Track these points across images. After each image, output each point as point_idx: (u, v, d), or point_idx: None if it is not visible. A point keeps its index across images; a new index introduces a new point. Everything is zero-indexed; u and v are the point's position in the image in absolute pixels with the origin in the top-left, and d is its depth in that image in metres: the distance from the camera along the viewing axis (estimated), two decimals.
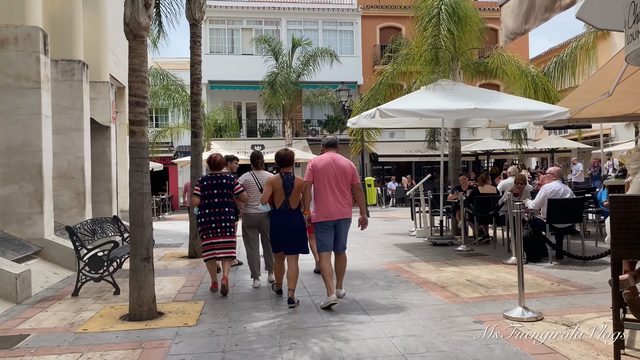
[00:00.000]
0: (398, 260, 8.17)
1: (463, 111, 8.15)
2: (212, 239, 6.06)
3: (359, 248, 9.69)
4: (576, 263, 7.14)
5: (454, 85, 9.30)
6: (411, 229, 12.48)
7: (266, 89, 23.25)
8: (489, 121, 11.15)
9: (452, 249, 9.15)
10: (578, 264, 7.10)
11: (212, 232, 6.02)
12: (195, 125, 9.24)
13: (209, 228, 6.01)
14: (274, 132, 27.62)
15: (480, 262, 7.67)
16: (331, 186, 5.37)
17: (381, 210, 20.50)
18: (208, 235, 6.05)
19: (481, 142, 24.18)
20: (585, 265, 7.09)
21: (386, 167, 28.81)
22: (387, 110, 8.11)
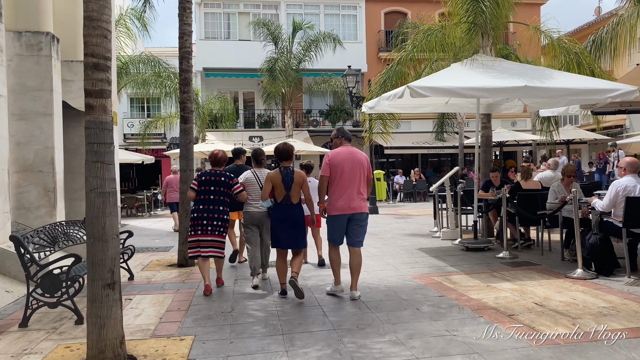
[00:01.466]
0: (432, 271, 6.72)
1: (511, 90, 6.69)
2: (200, 236, 5.84)
3: (379, 254, 8.24)
4: None
5: (494, 61, 7.83)
6: (432, 229, 11.05)
7: (265, 76, 21.69)
8: (524, 105, 9.69)
9: (491, 255, 7.72)
10: None
11: (202, 229, 5.81)
12: (184, 108, 7.74)
13: (199, 224, 5.81)
14: (273, 122, 26.09)
15: (536, 274, 6.23)
16: (348, 180, 5.26)
17: (389, 206, 19.06)
18: (197, 231, 5.85)
19: (494, 133, 22.69)
20: None
21: (390, 160, 27.32)
22: (419, 88, 6.64)
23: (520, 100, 9.46)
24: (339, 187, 5.29)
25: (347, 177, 5.28)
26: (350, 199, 5.29)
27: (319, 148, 21.37)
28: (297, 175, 5.44)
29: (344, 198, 5.28)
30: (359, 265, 5.45)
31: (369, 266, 7.25)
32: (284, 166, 5.49)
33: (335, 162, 5.30)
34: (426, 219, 13.55)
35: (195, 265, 7.69)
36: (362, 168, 5.37)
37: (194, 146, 8.67)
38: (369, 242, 9.48)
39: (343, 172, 5.27)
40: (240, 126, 25.66)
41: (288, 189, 5.40)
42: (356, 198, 5.32)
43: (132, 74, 20.64)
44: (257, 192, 6.09)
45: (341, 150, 5.40)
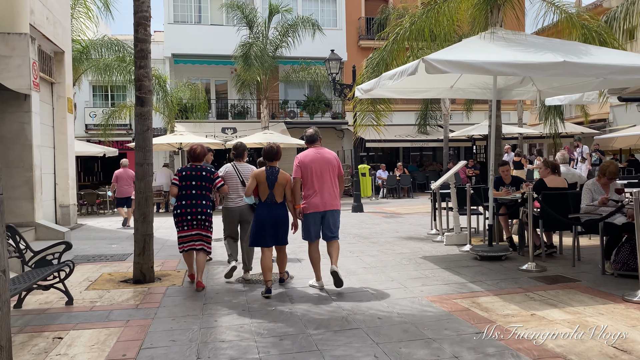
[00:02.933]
0: (450, 290, 5.42)
1: (548, 66, 5.41)
2: (187, 231, 5.86)
3: (378, 265, 6.91)
4: None
5: (516, 35, 6.55)
6: (430, 232, 9.79)
7: (239, 62, 20.07)
8: (538, 91, 8.46)
9: (512, 267, 6.48)
10: None
11: (188, 224, 5.84)
12: (141, 87, 6.24)
13: (184, 220, 5.84)
14: (248, 113, 24.48)
15: (584, 296, 4.98)
16: (319, 179, 5.53)
17: (373, 203, 17.79)
18: (183, 227, 5.87)
19: (480, 126, 21.66)
20: None
21: (370, 154, 26.05)
22: (436, 61, 5.30)
23: (534, 85, 8.23)
24: (311, 186, 5.57)
25: (317, 176, 5.56)
26: (322, 197, 5.55)
27: (297, 140, 19.92)
28: (281, 176, 5.55)
29: (316, 196, 5.55)
30: (337, 249, 5.74)
31: (369, 282, 5.91)
32: (270, 166, 5.59)
33: (304, 163, 5.58)
34: (418, 219, 12.32)
35: (155, 282, 6.28)
36: (332, 167, 5.62)
37: (157, 136, 7.14)
38: (362, 249, 8.16)
39: (313, 173, 5.55)
40: (213, 117, 24.00)
41: (271, 187, 5.49)
42: (328, 196, 5.58)
43: (93, 59, 18.81)
44: (236, 186, 6.18)
45: (309, 152, 5.67)
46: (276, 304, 5.09)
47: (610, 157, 26.40)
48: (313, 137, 5.74)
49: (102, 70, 18.94)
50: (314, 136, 5.75)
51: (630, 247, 5.59)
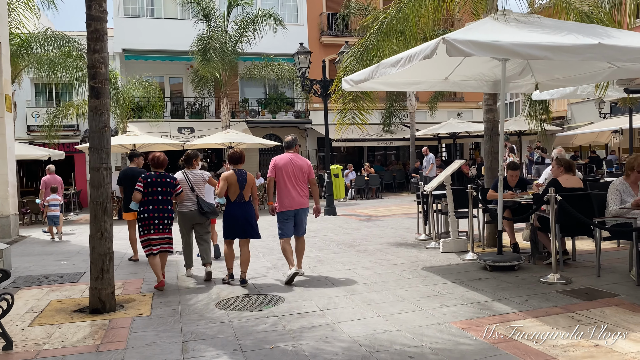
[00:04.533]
0: (476, 312, 4.61)
1: (582, 49, 4.70)
2: (152, 234, 6.12)
3: (377, 279, 6.04)
4: None
5: (529, 17, 5.82)
6: (420, 237, 9.03)
7: (196, 58, 18.79)
8: (536, 84, 7.83)
9: (530, 277, 5.76)
10: None
11: (155, 228, 6.11)
12: (96, 75, 5.11)
13: (151, 224, 6.10)
14: (206, 112, 23.14)
15: (637, 315, 4.27)
16: (291, 181, 6.23)
17: (344, 205, 16.93)
18: (149, 230, 6.11)
19: (447, 124, 21.25)
20: None
21: (334, 154, 25.27)
22: (459, 42, 4.48)
23: (533, 77, 7.59)
24: (284, 187, 6.23)
25: (289, 179, 6.22)
26: (294, 197, 6.22)
27: (260, 140, 18.89)
28: (249, 177, 6.20)
29: (289, 197, 6.22)
30: (303, 248, 6.49)
31: (375, 303, 5.03)
32: (237, 168, 6.16)
33: (278, 166, 6.26)
34: (397, 222, 11.56)
35: (117, 311, 5.19)
36: (303, 171, 6.30)
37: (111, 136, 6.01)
38: (352, 259, 7.29)
39: (286, 175, 6.22)
40: (168, 116, 22.55)
41: (242, 188, 6.09)
42: (299, 196, 6.25)
43: (35, 54, 17.10)
44: (187, 192, 6.53)
45: (284, 156, 6.34)
46: (275, 339, 4.13)
47: (571, 154, 26.71)
48: (289, 143, 6.41)
49: (46, 67, 17.31)
50: (291, 143, 6.42)
51: None
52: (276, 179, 6.25)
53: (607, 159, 21.43)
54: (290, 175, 6.21)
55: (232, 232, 6.10)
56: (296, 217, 6.29)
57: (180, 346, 4.08)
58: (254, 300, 5.39)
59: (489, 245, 7.80)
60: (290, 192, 6.20)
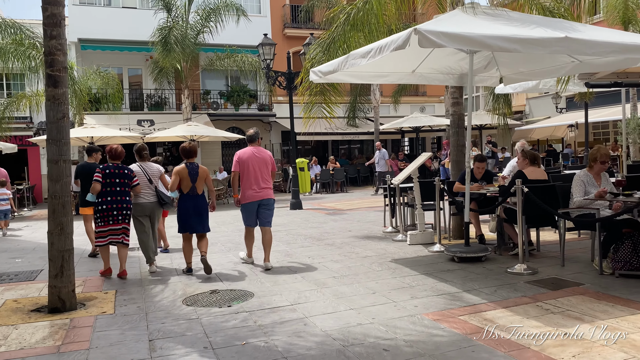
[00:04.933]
0: (447, 303, 4.63)
1: (550, 42, 4.75)
2: (112, 225, 6.19)
3: (347, 272, 6.00)
4: None
5: (496, 10, 5.86)
6: (387, 229, 9.05)
7: (157, 48, 18.27)
8: (501, 77, 7.94)
9: (497, 269, 5.84)
10: None
11: (114, 218, 6.18)
12: (53, 63, 4.84)
13: (110, 215, 6.16)
14: (166, 104, 22.59)
15: (604, 304, 4.37)
16: (255, 174, 6.42)
17: (309, 199, 16.87)
18: (108, 222, 6.17)
19: (411, 118, 21.43)
20: None
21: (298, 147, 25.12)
22: (430, 33, 4.46)
23: (498, 70, 7.69)
24: (248, 180, 6.43)
25: (253, 171, 6.41)
26: (258, 188, 6.42)
27: (223, 133, 18.58)
28: (201, 170, 6.29)
29: (253, 188, 6.41)
30: (270, 240, 6.55)
31: (347, 296, 4.99)
32: (189, 162, 6.27)
33: (242, 159, 6.45)
34: (364, 215, 11.58)
35: (79, 309, 4.98)
36: (266, 164, 6.51)
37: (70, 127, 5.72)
38: (321, 253, 7.23)
39: (250, 168, 6.41)
40: (126, 108, 21.90)
41: (194, 182, 6.20)
42: (262, 188, 6.46)
43: None
44: (145, 184, 6.59)
45: (248, 149, 6.52)
46: (246, 335, 4.03)
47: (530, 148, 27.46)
48: (252, 137, 6.60)
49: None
50: (254, 136, 6.62)
51: (632, 243, 5.10)
52: (240, 172, 6.43)
53: (564, 153, 22.12)
54: (255, 167, 6.39)
55: (186, 225, 6.22)
56: (260, 209, 6.47)
57: (147, 345, 3.93)
58: (223, 296, 5.26)
59: (455, 237, 7.89)
60: (254, 184, 6.39)
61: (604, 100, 21.06)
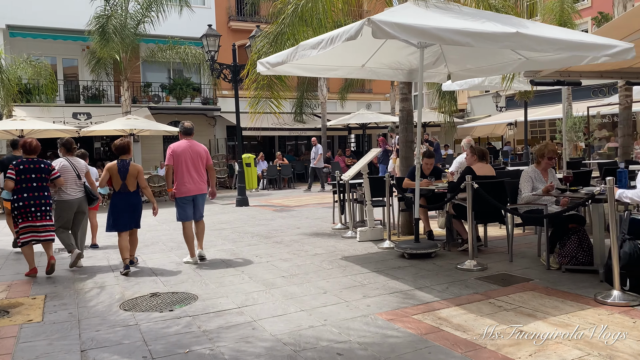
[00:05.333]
0: (400, 302, 4.51)
1: (501, 37, 4.71)
2: (32, 222, 5.97)
3: (297, 271, 5.80)
4: None
5: (448, 4, 5.80)
6: (336, 226, 8.91)
7: (94, 37, 17.34)
8: (449, 74, 7.95)
9: (447, 265, 5.80)
10: None
11: (32, 215, 5.96)
12: None
13: (29, 212, 5.94)
14: (104, 97, 21.55)
15: (553, 299, 4.37)
16: (189, 168, 6.41)
17: (256, 195, 16.52)
18: (27, 218, 5.95)
19: (357, 115, 21.48)
20: None
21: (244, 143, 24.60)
22: (384, 24, 4.31)
23: (446, 67, 7.70)
24: (183, 174, 6.38)
25: (188, 165, 6.38)
26: (193, 183, 6.42)
27: (164, 127, 17.87)
28: (132, 167, 6.16)
29: (188, 182, 6.39)
30: (203, 230, 6.73)
31: (297, 296, 4.78)
32: (121, 159, 6.14)
33: (177, 153, 6.39)
34: (312, 212, 11.41)
35: (2, 317, 4.52)
36: (201, 158, 6.50)
37: None
38: (269, 251, 6.99)
39: (185, 162, 6.37)
40: (61, 100, 20.71)
41: (124, 179, 6.08)
42: (198, 182, 6.46)
43: None
44: (73, 179, 6.56)
45: (182, 143, 6.48)
46: (189, 342, 3.74)
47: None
48: (189, 130, 6.57)
49: None
50: (190, 129, 6.60)
51: (578, 239, 5.18)
52: (175, 165, 6.38)
53: (504, 150, 22.82)
54: (189, 161, 6.37)
55: (118, 223, 6.12)
56: (195, 202, 6.50)
57: (79, 356, 3.57)
58: (164, 299, 4.93)
59: (404, 233, 7.84)
60: (190, 178, 6.38)
61: (541, 100, 21.91)
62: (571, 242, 5.20)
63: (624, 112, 9.94)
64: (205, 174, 6.58)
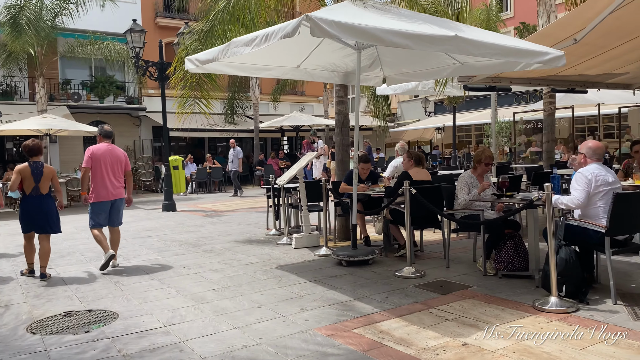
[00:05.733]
0: (339, 314, 4.28)
1: (440, 40, 4.60)
2: None
3: (229, 283, 5.44)
4: None
5: (386, 5, 5.67)
6: (269, 232, 8.60)
7: (4, 29, 15.98)
8: (384, 77, 7.87)
9: (385, 272, 5.66)
10: None
11: None
12: None
13: None
14: (17, 93, 19.96)
15: (494, 307, 4.30)
16: (107, 172, 6.24)
17: (184, 199, 15.84)
18: None
19: (291, 117, 21.23)
20: None
21: (171, 144, 23.67)
22: (323, 22, 4.06)
23: (382, 70, 7.60)
24: (101, 178, 6.20)
25: (107, 169, 6.22)
26: (111, 188, 6.25)
27: (85, 127, 16.75)
28: (47, 169, 5.97)
29: (105, 187, 6.21)
30: (119, 239, 6.52)
31: (229, 312, 4.44)
32: (33, 160, 5.92)
33: (97, 156, 6.22)
34: (245, 217, 11.02)
35: None
36: (120, 162, 6.38)
37: None
38: (199, 261, 6.58)
39: (105, 166, 6.21)
40: None
41: (37, 181, 5.85)
42: (116, 187, 6.31)
43: None
44: None
45: (101, 146, 6.32)
46: None
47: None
48: (109, 134, 6.49)
49: None
50: (111, 133, 6.53)
51: (514, 244, 5.19)
52: (93, 169, 6.22)
53: (432, 154, 23.39)
54: (107, 165, 6.23)
55: (28, 226, 5.95)
56: (112, 208, 6.34)
57: None
58: (79, 319, 4.42)
59: (340, 238, 7.66)
60: (108, 183, 6.22)
61: (469, 105, 22.65)
62: (507, 247, 5.20)
63: (548, 119, 10.33)
64: (123, 180, 6.45)
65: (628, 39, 6.65)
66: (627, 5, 5.53)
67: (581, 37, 6.05)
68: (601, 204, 4.38)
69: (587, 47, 6.61)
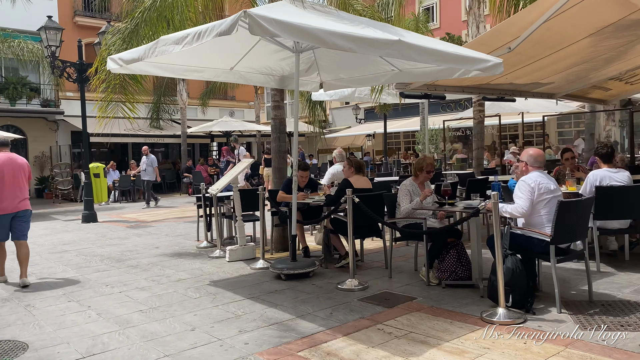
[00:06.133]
0: (283, 335, 3.97)
1: (383, 44, 4.41)
2: None
3: (161, 304, 4.96)
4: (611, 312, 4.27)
5: (326, 7, 5.44)
6: (199, 244, 8.12)
7: None
8: (321, 82, 7.66)
9: (327, 285, 5.41)
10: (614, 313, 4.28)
11: None
12: None
13: None
14: None
15: (442, 320, 4.14)
16: (10, 182, 5.86)
17: (105, 209, 14.84)
18: None
19: (221, 122, 20.63)
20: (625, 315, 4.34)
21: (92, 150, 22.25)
22: (263, 19, 3.74)
23: (319, 75, 7.39)
24: (3, 189, 5.82)
25: (8, 180, 5.84)
26: (14, 199, 5.88)
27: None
28: None
29: (8, 199, 5.83)
30: (27, 255, 5.98)
31: (158, 336, 4.01)
32: None
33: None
34: (172, 228, 10.42)
35: None
36: (23, 171, 6.03)
37: None
38: (123, 278, 6.04)
39: (5, 176, 5.83)
40: None
41: None
42: (19, 198, 5.93)
43: None
44: None
45: (2, 155, 5.95)
46: None
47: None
48: (5, 142, 6.16)
49: None
50: (6, 141, 6.19)
51: (457, 253, 5.10)
52: None
53: (364, 160, 23.58)
54: (10, 176, 5.88)
55: None
56: (15, 221, 5.94)
57: None
58: None
59: (277, 249, 7.33)
60: (10, 193, 5.87)
61: (397, 113, 23.05)
62: (450, 256, 5.11)
63: (478, 126, 10.55)
64: (27, 190, 6.11)
65: (556, 49, 6.85)
66: (558, 16, 5.66)
67: (515, 45, 6.15)
68: (545, 212, 4.37)
69: (519, 56, 6.73)
